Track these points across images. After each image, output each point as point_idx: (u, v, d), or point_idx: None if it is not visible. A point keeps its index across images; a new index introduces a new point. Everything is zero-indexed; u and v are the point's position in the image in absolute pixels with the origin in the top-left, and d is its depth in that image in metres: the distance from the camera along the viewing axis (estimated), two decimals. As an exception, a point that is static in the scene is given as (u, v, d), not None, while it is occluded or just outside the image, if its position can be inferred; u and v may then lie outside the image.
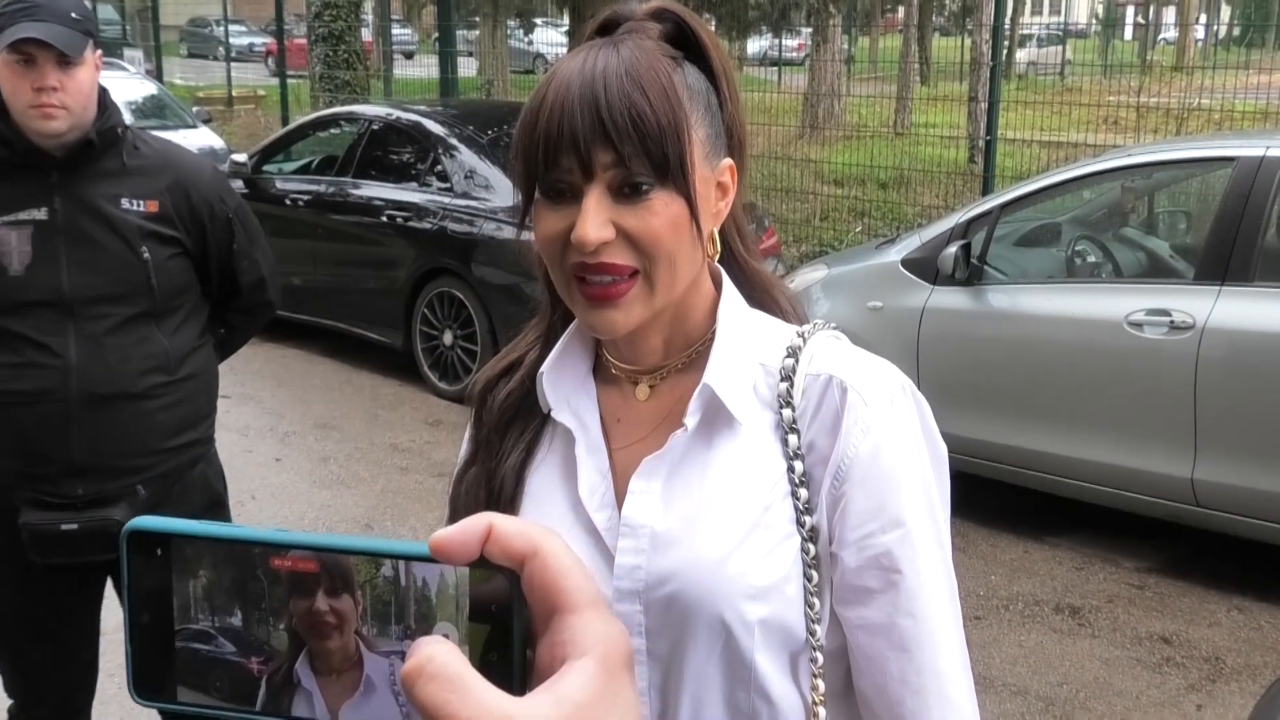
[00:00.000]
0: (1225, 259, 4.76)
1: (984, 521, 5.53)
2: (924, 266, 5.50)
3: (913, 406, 1.17)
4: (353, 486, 6.03)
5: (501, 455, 1.25)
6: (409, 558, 0.56)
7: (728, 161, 1.19)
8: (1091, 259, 5.64)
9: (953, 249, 5.30)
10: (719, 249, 1.20)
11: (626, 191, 1.09)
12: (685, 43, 1.17)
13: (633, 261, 1.11)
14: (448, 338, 7.41)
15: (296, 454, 6.49)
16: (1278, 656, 4.43)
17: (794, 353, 1.18)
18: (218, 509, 2.92)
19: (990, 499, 5.63)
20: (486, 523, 0.56)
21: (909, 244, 5.73)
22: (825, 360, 1.17)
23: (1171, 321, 4.76)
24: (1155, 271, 5.50)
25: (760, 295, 1.27)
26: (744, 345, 1.19)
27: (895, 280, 5.61)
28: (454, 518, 1.26)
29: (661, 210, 1.10)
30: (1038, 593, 4.92)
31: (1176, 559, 5.20)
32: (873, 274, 5.80)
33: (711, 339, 1.19)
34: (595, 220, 1.08)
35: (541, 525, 0.58)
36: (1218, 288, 4.73)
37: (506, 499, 1.22)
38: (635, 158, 1.08)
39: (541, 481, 1.23)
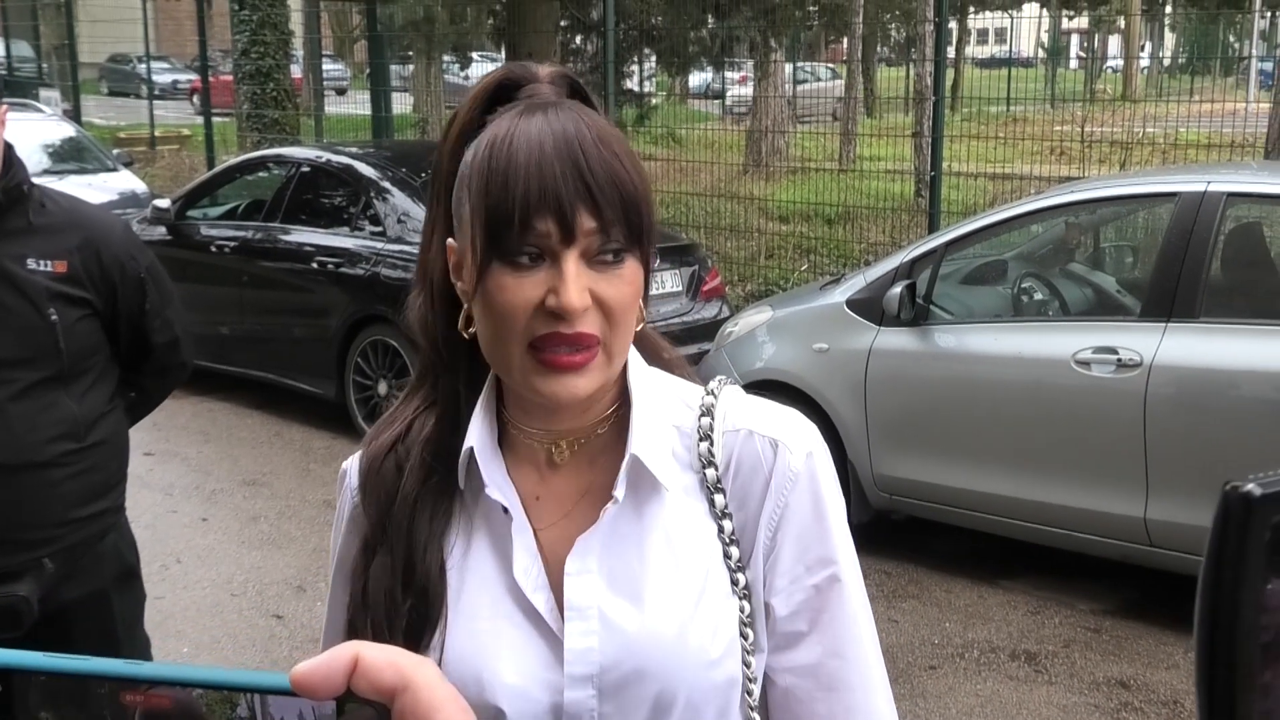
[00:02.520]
0: (1170, 295, 4.75)
1: (937, 567, 5.48)
2: (869, 307, 5.44)
3: (825, 452, 1.19)
4: (284, 546, 5.84)
5: (415, 540, 1.16)
6: (268, 691, 0.53)
7: None
8: (1038, 296, 5.61)
9: (898, 289, 5.26)
10: (644, 317, 1.19)
11: (605, 258, 1.07)
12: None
13: (599, 331, 1.08)
14: (382, 388, 7.25)
15: (224, 513, 6.30)
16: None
17: (709, 411, 1.17)
18: (130, 580, 2.77)
19: (942, 543, 5.59)
20: (353, 653, 0.54)
21: (854, 284, 5.68)
22: (740, 416, 1.17)
23: (1119, 359, 4.73)
24: (1102, 308, 5.49)
25: (649, 355, 1.24)
26: (657, 409, 1.17)
27: (841, 321, 5.55)
28: (358, 614, 1.17)
29: (632, 278, 1.09)
30: (993, 639, 4.85)
31: (1132, 600, 5.16)
32: (818, 315, 5.74)
33: (621, 402, 1.17)
34: (577, 286, 1.05)
35: (413, 655, 0.56)
36: (1164, 324, 4.72)
37: (432, 589, 1.15)
38: (615, 224, 1.06)
39: (467, 567, 1.16)
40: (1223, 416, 4.58)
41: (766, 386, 5.54)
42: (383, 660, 0.54)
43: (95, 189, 10.45)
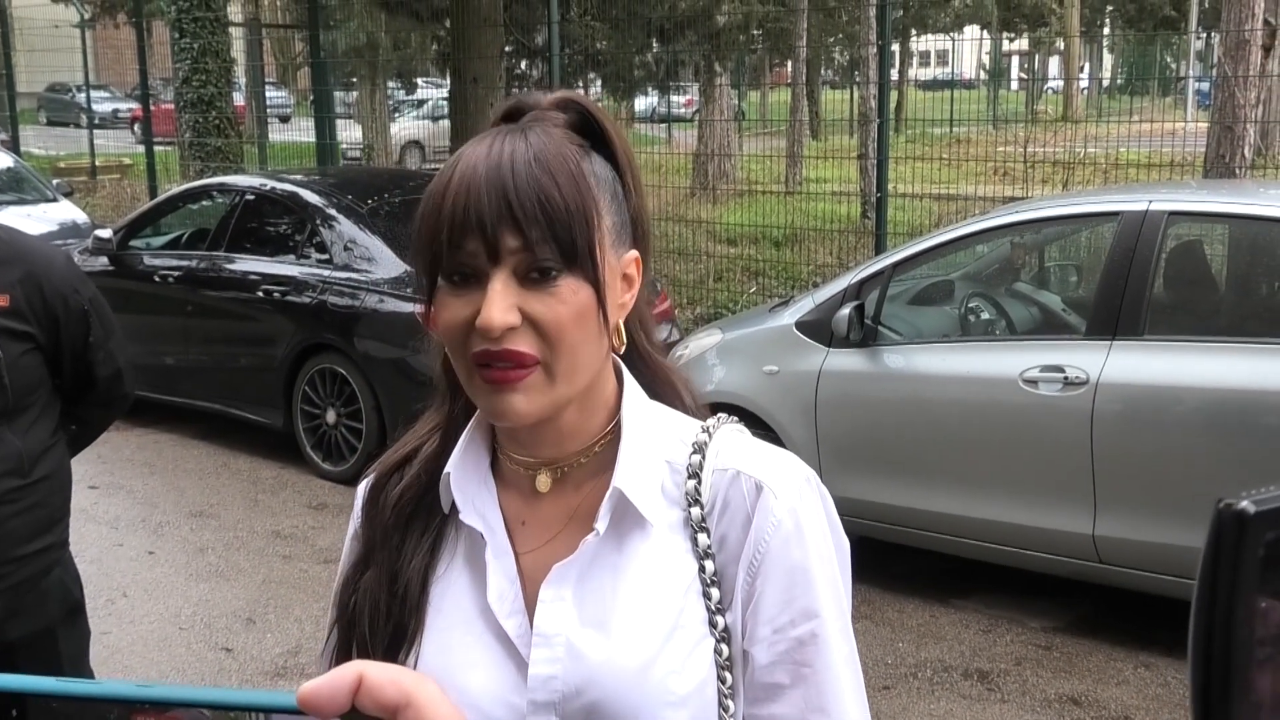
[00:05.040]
0: (1115, 314, 4.80)
1: (889, 587, 5.49)
2: (818, 329, 5.46)
3: (818, 499, 1.16)
4: (232, 578, 5.77)
5: (404, 557, 1.19)
6: (275, 710, 0.54)
7: (633, 254, 1.17)
8: (985, 316, 5.66)
9: (846, 310, 5.27)
10: (624, 341, 1.18)
11: (534, 277, 1.07)
12: (589, 133, 1.16)
13: (535, 350, 1.07)
14: (330, 416, 7.18)
15: (171, 545, 6.20)
16: (1185, 713, 4.39)
17: (700, 449, 1.16)
18: (75, 615, 2.75)
19: (894, 563, 5.60)
20: (357, 672, 0.56)
21: (803, 306, 5.70)
22: (731, 455, 1.16)
23: (1065, 378, 4.77)
24: (1048, 327, 5.54)
25: (663, 389, 1.24)
26: (650, 442, 1.16)
27: (790, 343, 5.57)
28: (346, 627, 1.20)
29: (569, 297, 1.07)
30: (946, 658, 4.86)
31: (1082, 617, 5.20)
32: (767, 338, 5.75)
33: (613, 433, 1.17)
34: (501, 305, 1.05)
35: (415, 673, 0.58)
36: (1109, 342, 4.76)
37: (412, 605, 1.17)
38: (542, 242, 1.05)
39: (448, 586, 1.18)
40: (1168, 433, 4.63)
41: (717, 409, 5.52)
42: (385, 678, 0.56)
43: (35, 219, 10.33)
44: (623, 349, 1.18)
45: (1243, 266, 5.40)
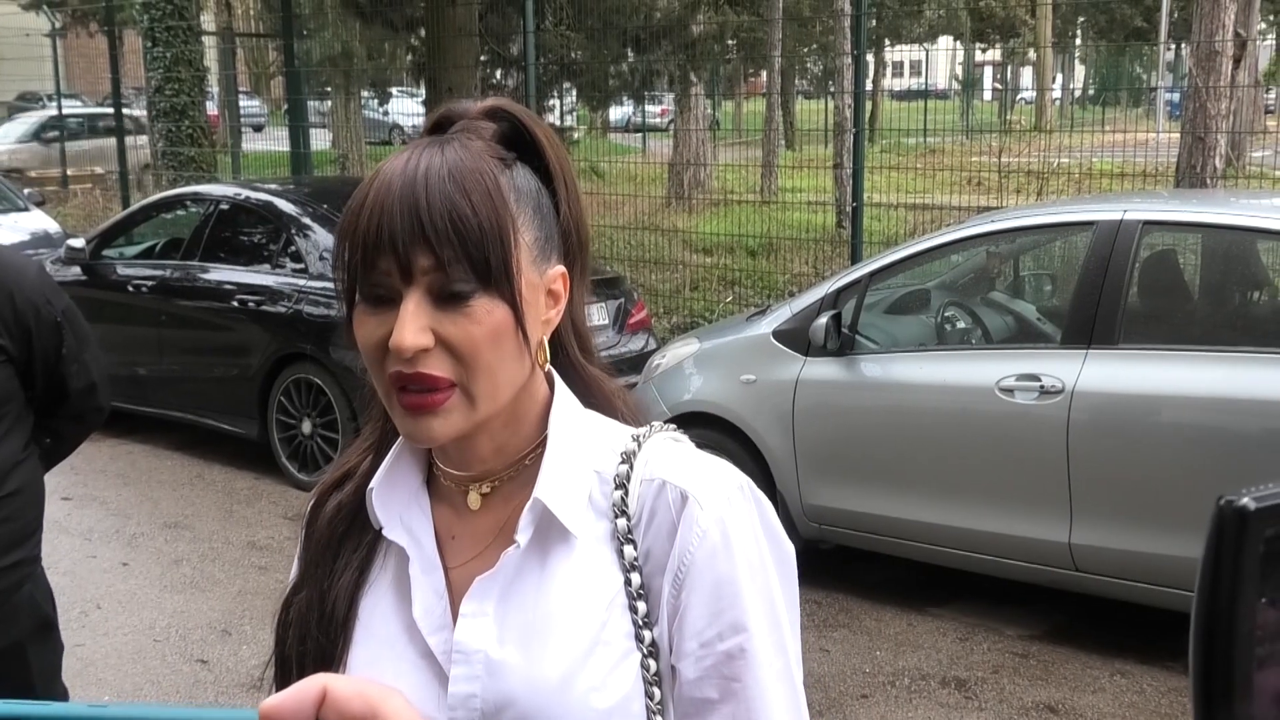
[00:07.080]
0: (1090, 322, 4.82)
1: (866, 595, 5.51)
2: (796, 338, 5.47)
3: (752, 507, 1.12)
4: (207, 590, 5.72)
5: (333, 575, 1.17)
6: None
7: (559, 269, 1.14)
8: (961, 325, 5.68)
9: (823, 319, 5.29)
10: (548, 357, 1.16)
11: (446, 297, 1.05)
12: (520, 142, 1.14)
13: (450, 373, 1.06)
14: (306, 426, 7.15)
15: (145, 557, 6.15)
16: (1161, 720, 4.43)
17: (628, 458, 1.13)
18: (47, 632, 2.71)
19: (871, 572, 5.62)
20: (320, 686, 0.56)
21: (780, 315, 5.71)
22: (659, 465, 1.13)
23: (1041, 386, 4.79)
24: (1024, 335, 5.56)
25: (596, 401, 1.22)
26: (578, 453, 1.14)
27: (767, 352, 5.57)
28: (281, 648, 1.19)
29: (483, 318, 1.06)
30: (923, 666, 4.87)
31: (1059, 625, 5.22)
32: (745, 347, 5.76)
33: (543, 446, 1.14)
34: (413, 326, 1.04)
35: (382, 685, 0.59)
36: (1084, 351, 4.78)
37: (338, 623, 1.15)
38: (455, 262, 1.04)
39: (374, 603, 1.16)
40: (1143, 441, 4.64)
41: (695, 418, 5.55)
42: (351, 690, 0.56)
43: (6, 229, 10.27)
44: (546, 365, 1.16)
45: (1216, 276, 5.44)
